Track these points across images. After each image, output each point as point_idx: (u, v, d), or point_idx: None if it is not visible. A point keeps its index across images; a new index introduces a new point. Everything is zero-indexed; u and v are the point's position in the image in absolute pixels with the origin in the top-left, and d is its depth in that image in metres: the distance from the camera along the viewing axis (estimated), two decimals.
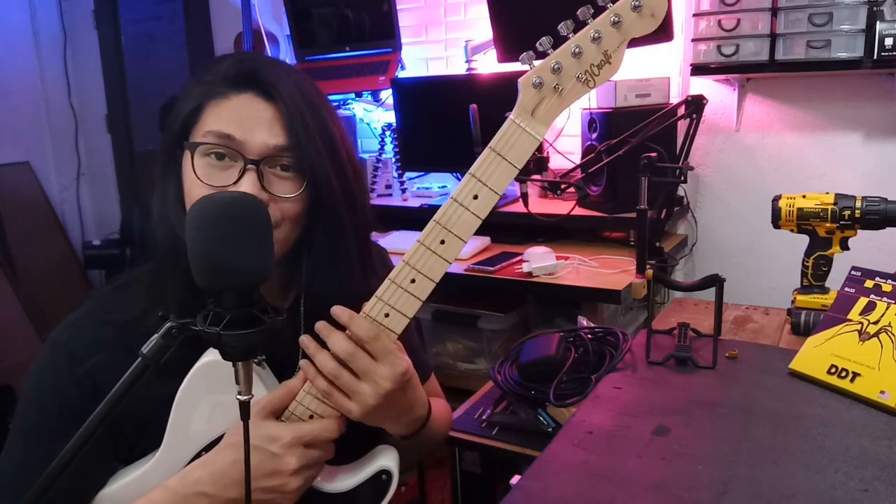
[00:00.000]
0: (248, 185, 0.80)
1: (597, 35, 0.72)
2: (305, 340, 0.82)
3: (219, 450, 0.81)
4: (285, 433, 0.78)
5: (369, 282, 0.93)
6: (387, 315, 0.80)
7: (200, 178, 0.81)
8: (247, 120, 0.82)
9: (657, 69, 2.20)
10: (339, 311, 0.80)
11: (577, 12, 0.73)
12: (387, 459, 0.89)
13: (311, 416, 0.83)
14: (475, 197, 0.76)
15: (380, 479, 0.88)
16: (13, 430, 0.87)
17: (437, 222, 0.78)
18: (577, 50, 0.73)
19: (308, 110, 0.84)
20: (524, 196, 1.76)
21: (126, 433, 0.88)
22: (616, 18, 0.72)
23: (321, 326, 0.81)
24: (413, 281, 0.79)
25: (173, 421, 0.83)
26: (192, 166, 0.82)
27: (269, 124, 0.82)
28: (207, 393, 0.82)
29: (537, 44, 0.75)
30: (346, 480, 0.88)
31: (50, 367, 0.86)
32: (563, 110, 0.76)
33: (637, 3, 0.71)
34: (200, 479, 0.79)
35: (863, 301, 1.11)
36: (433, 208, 2.36)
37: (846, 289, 1.15)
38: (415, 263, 0.79)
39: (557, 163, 2.37)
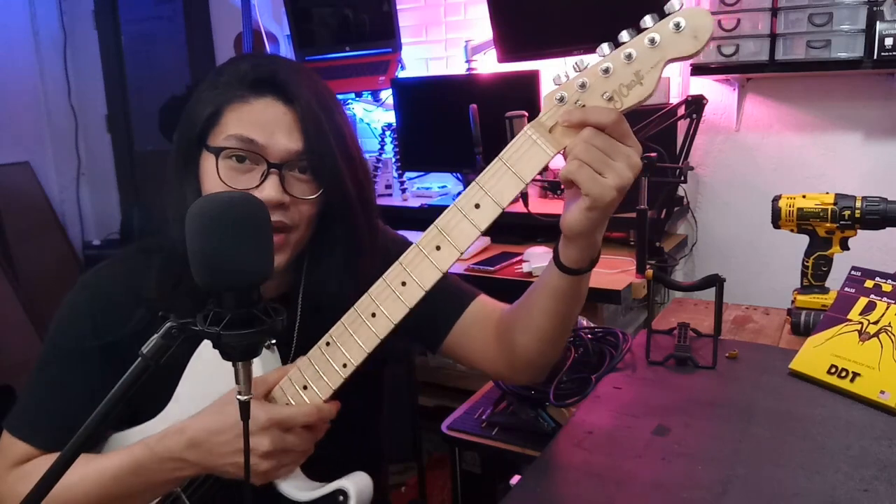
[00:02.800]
0: (270, 188, 0.82)
1: (630, 53, 0.67)
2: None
3: (199, 416, 0.81)
4: (262, 414, 0.77)
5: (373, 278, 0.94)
6: (373, 315, 0.77)
7: (224, 181, 0.83)
8: (268, 124, 0.83)
9: None
10: (568, 115, 0.72)
11: (619, 35, 0.69)
12: (350, 482, 0.85)
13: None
14: (477, 206, 0.72)
15: (336, 500, 0.85)
16: (36, 363, 0.92)
17: (435, 226, 0.75)
18: (606, 67, 0.69)
19: (324, 115, 0.85)
20: (524, 196, 1.76)
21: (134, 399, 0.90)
22: (654, 37, 0.67)
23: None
24: (403, 283, 0.75)
25: (183, 382, 0.85)
26: (217, 169, 0.83)
27: (289, 129, 0.84)
28: (219, 359, 0.81)
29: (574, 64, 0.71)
30: (303, 491, 0.85)
31: (72, 308, 0.92)
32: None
33: (678, 21, 0.65)
34: (177, 441, 0.80)
35: (863, 301, 1.11)
36: (433, 208, 2.38)
37: (846, 289, 1.15)
38: (407, 265, 0.76)
39: (557, 163, 2.36)
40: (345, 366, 0.79)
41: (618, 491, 0.83)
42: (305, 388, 0.81)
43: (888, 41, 1.76)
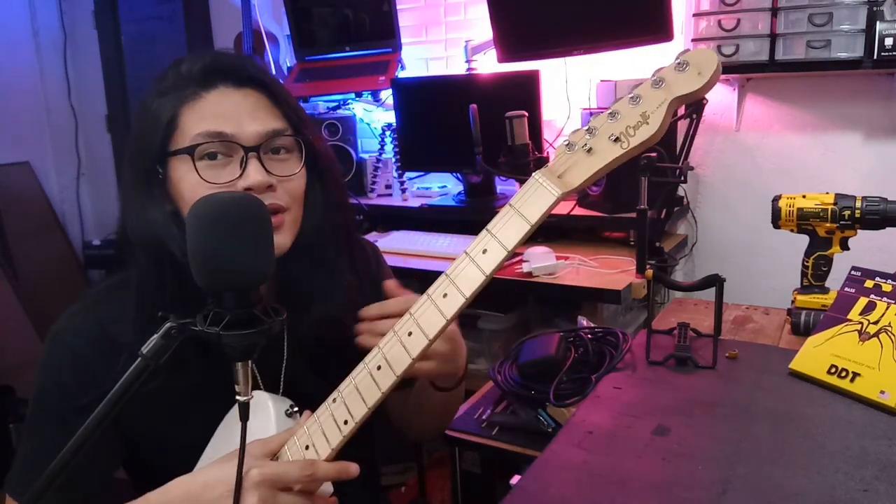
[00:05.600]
0: (254, 172, 0.81)
1: (636, 96, 0.69)
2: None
3: (201, 469, 0.78)
4: (254, 469, 0.74)
5: (359, 271, 0.97)
6: (378, 368, 0.75)
7: (206, 180, 0.81)
8: (229, 113, 0.82)
9: None
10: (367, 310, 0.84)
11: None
12: None
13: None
14: (484, 251, 0.72)
15: None
16: (26, 421, 0.90)
17: (445, 274, 0.73)
18: (614, 111, 0.70)
19: (283, 92, 0.87)
20: None
21: (127, 432, 0.89)
22: (659, 78, 0.68)
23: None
24: (410, 334, 0.74)
25: (213, 441, 0.85)
26: (196, 170, 0.81)
27: (251, 112, 0.83)
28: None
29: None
30: None
31: (51, 361, 0.88)
32: (594, 171, 0.70)
33: (682, 61, 0.67)
34: (175, 494, 0.77)
35: (863, 301, 1.11)
36: (433, 208, 2.38)
37: (846, 289, 1.15)
38: (414, 312, 0.74)
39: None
40: (345, 422, 0.76)
41: (618, 491, 0.83)
42: (308, 447, 0.78)
43: (888, 41, 1.76)
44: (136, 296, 0.85)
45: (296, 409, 0.83)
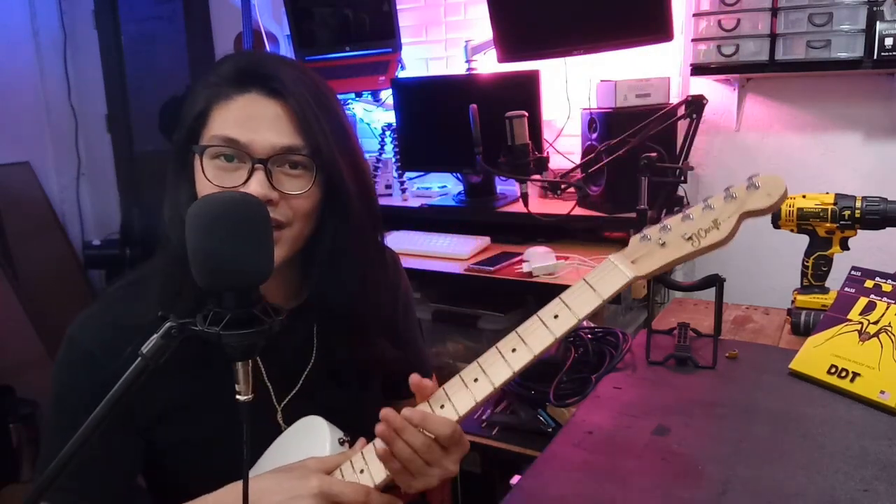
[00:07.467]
0: (256, 184, 0.81)
1: (710, 204, 0.78)
2: (383, 430, 0.78)
3: (258, 478, 0.80)
4: (314, 480, 0.78)
5: (380, 283, 0.96)
6: (442, 406, 0.81)
7: (211, 181, 0.82)
8: (251, 121, 0.82)
9: (657, 69, 2.20)
10: (410, 414, 0.78)
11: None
12: None
13: None
14: (556, 316, 0.79)
15: None
16: (46, 423, 0.92)
17: (515, 332, 0.81)
18: (688, 214, 0.79)
19: (318, 108, 0.85)
20: (524, 196, 1.76)
21: (140, 428, 0.90)
22: (732, 193, 0.78)
23: (393, 418, 0.78)
24: (476, 380, 0.80)
25: (267, 454, 0.88)
26: (202, 169, 0.83)
27: (274, 123, 0.83)
28: (298, 447, 0.85)
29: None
30: None
31: (67, 363, 0.89)
32: (665, 262, 0.78)
33: (754, 182, 0.77)
34: (233, 499, 0.80)
35: (863, 301, 1.11)
36: (433, 208, 2.38)
37: (846, 289, 1.15)
38: (482, 362, 0.81)
39: (557, 163, 2.36)
40: None
41: (618, 491, 0.83)
42: (362, 471, 0.82)
43: (888, 41, 1.76)
44: (165, 270, 0.86)
45: (347, 439, 0.87)
